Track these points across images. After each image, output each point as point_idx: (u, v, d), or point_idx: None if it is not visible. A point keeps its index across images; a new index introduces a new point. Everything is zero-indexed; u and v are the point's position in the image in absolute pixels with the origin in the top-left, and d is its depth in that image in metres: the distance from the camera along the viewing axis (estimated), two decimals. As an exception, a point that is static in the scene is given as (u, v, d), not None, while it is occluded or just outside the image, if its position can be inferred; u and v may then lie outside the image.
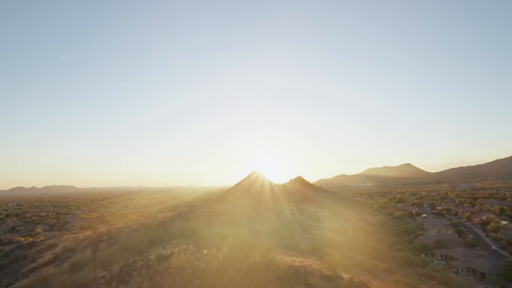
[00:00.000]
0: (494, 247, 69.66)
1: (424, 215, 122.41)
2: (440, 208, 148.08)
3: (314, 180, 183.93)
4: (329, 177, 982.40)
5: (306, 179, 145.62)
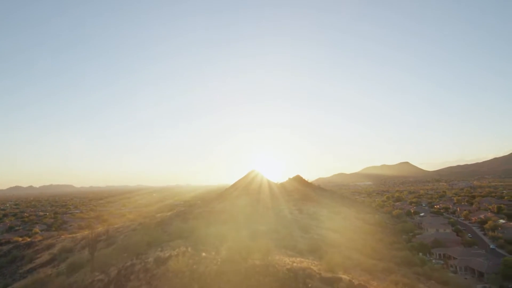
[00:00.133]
0: (492, 246, 69.93)
1: (422, 214, 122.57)
2: (438, 207, 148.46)
3: (313, 178, 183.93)
4: (327, 175, 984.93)
5: (305, 178, 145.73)
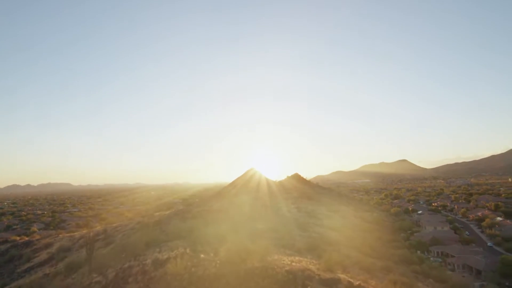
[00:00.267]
0: (489, 244, 70.25)
1: (420, 212, 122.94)
2: (436, 205, 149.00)
3: (311, 176, 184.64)
4: (325, 173, 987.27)
5: (303, 176, 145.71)
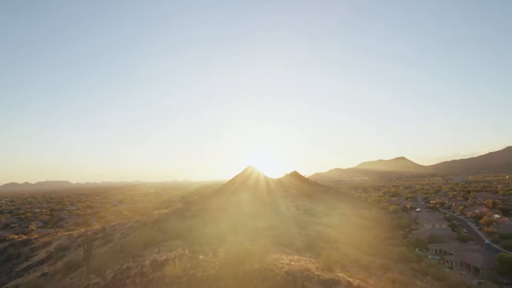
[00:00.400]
0: (487, 241, 70.53)
1: (418, 209, 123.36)
2: (434, 202, 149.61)
3: (310, 174, 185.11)
4: (324, 171, 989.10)
5: (302, 174, 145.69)
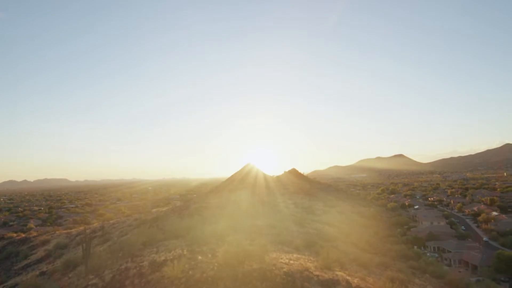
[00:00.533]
0: (485, 238, 70.82)
1: (417, 207, 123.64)
2: (432, 199, 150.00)
3: (308, 171, 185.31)
4: (323, 168, 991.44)
5: (300, 171, 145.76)
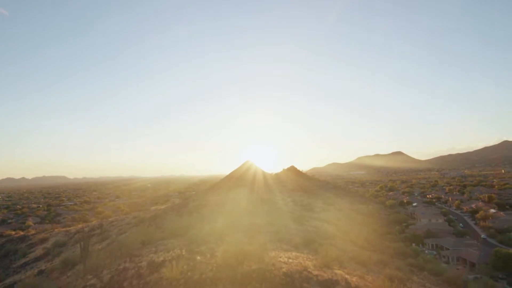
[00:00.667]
0: (483, 236, 71.11)
1: (415, 204, 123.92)
2: (430, 197, 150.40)
3: (307, 168, 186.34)
4: (321, 165, 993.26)
5: (299, 168, 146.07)
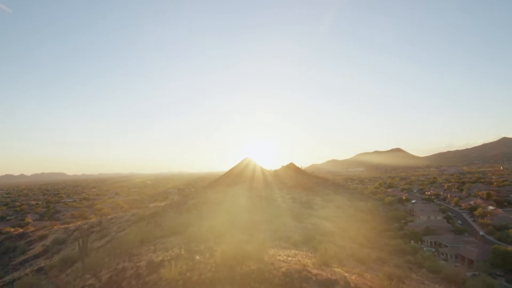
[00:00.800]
0: (481, 233, 71.36)
1: (414, 201, 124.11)
2: (429, 193, 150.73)
3: (306, 165, 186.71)
4: (320, 162, 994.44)
5: (298, 165, 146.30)
